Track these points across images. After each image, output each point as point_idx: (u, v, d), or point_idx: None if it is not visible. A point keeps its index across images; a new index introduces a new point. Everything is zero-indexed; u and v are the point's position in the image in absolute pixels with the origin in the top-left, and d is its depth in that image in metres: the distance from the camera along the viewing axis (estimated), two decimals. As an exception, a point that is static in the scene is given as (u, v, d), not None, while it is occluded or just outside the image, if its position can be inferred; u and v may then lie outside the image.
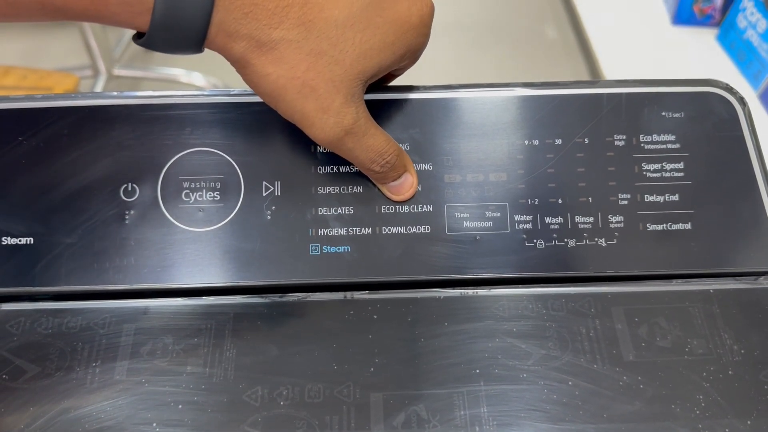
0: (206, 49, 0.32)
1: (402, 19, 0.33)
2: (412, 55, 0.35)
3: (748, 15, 1.17)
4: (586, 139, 0.38)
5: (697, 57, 1.26)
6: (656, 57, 1.27)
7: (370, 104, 0.35)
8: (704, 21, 1.30)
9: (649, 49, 1.29)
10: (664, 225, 0.37)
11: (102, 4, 0.28)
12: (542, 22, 1.79)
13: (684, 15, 1.30)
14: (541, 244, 0.37)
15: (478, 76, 1.62)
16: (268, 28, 0.30)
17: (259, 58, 0.31)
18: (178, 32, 0.29)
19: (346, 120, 0.33)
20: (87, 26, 1.42)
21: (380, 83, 0.39)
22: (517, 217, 0.37)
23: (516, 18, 1.82)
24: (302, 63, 0.31)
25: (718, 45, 1.27)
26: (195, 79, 1.54)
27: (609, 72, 1.26)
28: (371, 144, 0.34)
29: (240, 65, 0.32)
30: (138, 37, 0.31)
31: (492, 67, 1.67)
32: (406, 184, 0.37)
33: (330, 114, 0.32)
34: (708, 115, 0.39)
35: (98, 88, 1.51)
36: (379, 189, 0.37)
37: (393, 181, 0.37)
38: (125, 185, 0.37)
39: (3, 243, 0.36)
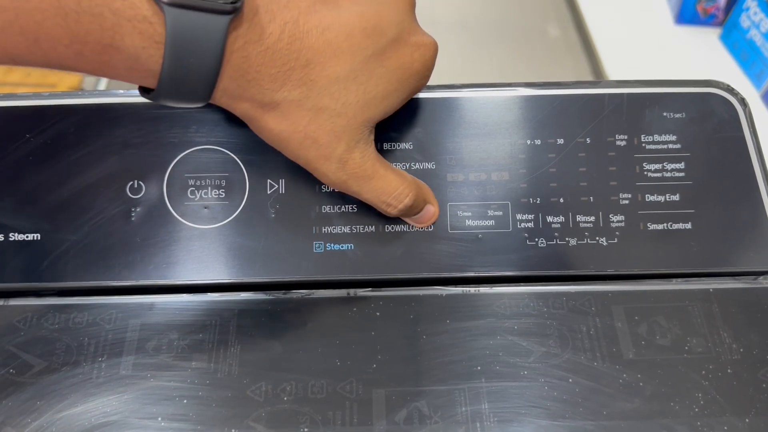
0: None
1: (404, 67, 0.33)
2: (413, 95, 0.35)
3: (752, 15, 1.17)
4: (587, 139, 0.39)
5: (700, 56, 1.25)
6: (659, 56, 1.27)
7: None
8: (707, 20, 1.30)
9: (652, 49, 1.29)
10: (665, 224, 0.38)
11: (109, 68, 0.28)
12: (545, 21, 1.79)
13: (687, 14, 1.30)
14: (542, 242, 0.37)
15: (480, 74, 1.62)
16: (271, 92, 0.30)
17: (262, 116, 0.31)
18: (184, 94, 0.29)
19: (348, 166, 0.33)
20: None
21: None
22: (518, 216, 0.38)
23: (519, 17, 1.82)
24: (303, 119, 0.31)
25: (721, 45, 1.27)
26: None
27: (611, 71, 1.26)
28: (381, 186, 0.34)
29: (244, 119, 0.33)
30: (144, 90, 0.31)
31: (494, 66, 1.67)
32: (427, 215, 0.37)
33: (332, 161, 0.33)
34: (709, 116, 0.39)
35: (102, 86, 1.52)
36: None
37: (414, 215, 0.37)
38: (131, 182, 0.37)
39: (10, 239, 0.37)
